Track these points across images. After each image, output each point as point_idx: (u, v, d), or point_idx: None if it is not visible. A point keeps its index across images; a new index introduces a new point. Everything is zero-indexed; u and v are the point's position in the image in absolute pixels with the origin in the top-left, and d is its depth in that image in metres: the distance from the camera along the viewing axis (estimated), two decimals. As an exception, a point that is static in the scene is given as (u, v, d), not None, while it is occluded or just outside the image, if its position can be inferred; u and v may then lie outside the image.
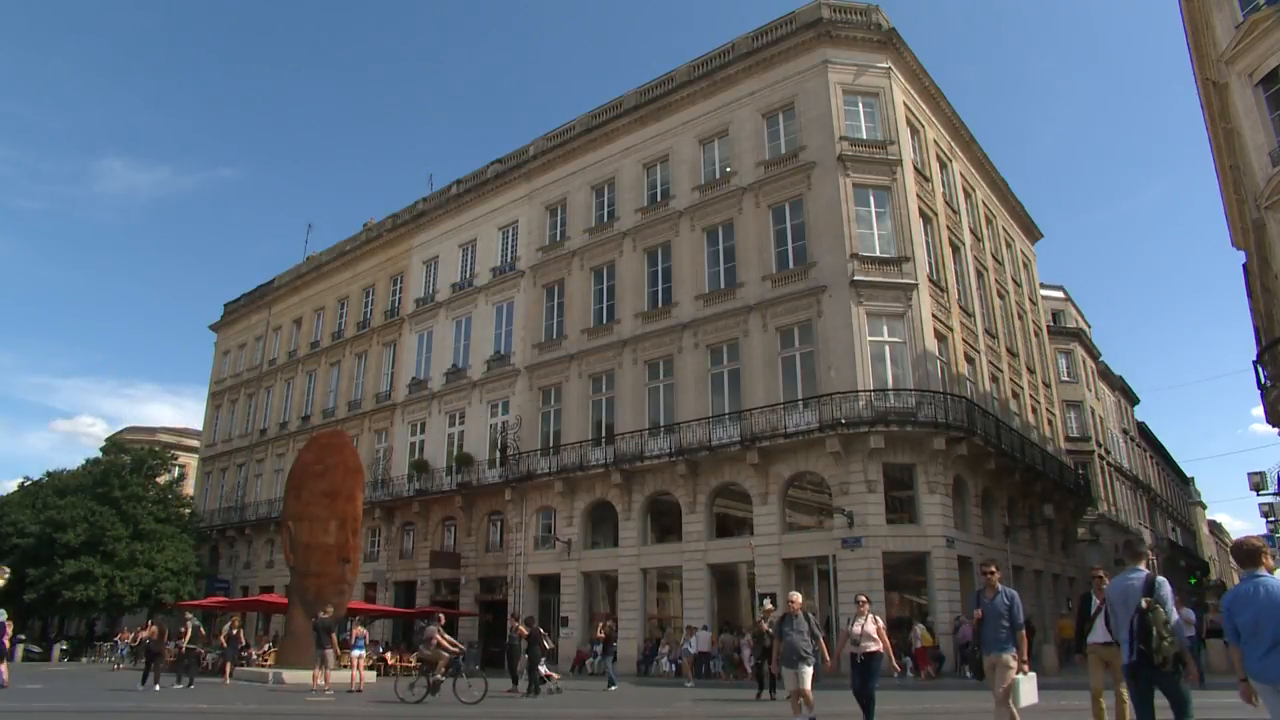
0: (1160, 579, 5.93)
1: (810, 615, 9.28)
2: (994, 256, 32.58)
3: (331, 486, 21.66)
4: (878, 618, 9.29)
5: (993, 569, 8.04)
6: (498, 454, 30.34)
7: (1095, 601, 7.80)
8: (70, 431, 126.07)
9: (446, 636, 15.75)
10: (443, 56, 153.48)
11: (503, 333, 32.49)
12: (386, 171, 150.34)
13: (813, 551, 22.47)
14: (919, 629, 20.73)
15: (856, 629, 9.09)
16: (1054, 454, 33.44)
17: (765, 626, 16.72)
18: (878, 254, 24.01)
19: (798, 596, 9.58)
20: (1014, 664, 7.36)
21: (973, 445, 22.82)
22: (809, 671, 8.91)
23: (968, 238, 29.48)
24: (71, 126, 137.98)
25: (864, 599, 9.55)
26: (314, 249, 55.62)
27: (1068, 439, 40.56)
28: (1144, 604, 5.71)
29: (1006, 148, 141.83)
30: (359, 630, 20.22)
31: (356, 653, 18.48)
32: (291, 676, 19.10)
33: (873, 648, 9.00)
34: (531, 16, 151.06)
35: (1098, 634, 7.53)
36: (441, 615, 18.99)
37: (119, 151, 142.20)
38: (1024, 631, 7.66)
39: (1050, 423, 35.62)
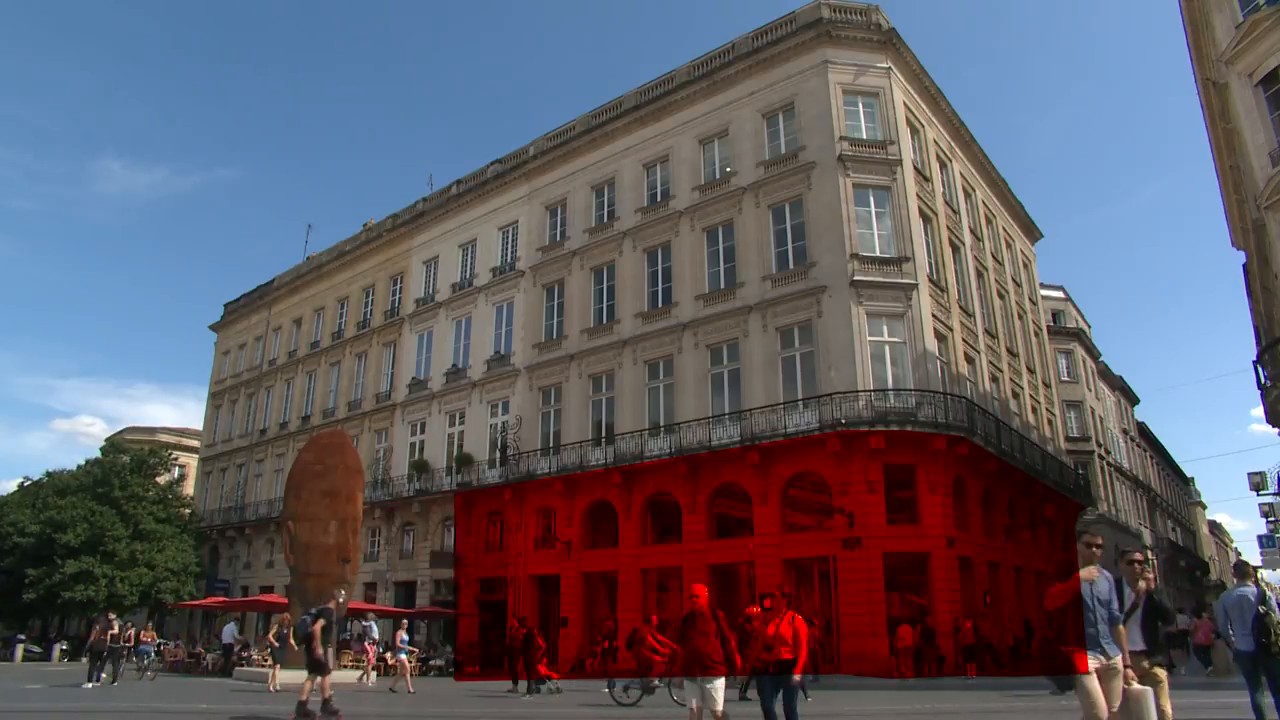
0: (1269, 593, 7.84)
1: (719, 613, 7.34)
2: (994, 256, 32.58)
3: (331, 486, 21.64)
4: (798, 616, 7.78)
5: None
6: (498, 454, 30.34)
7: (1129, 595, 6.42)
8: (70, 431, 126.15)
9: (659, 637, 15.71)
10: (443, 57, 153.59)
11: (503, 333, 32.50)
12: (386, 171, 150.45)
13: (813, 551, 22.46)
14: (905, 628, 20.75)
15: (770, 629, 7.65)
16: (1054, 454, 33.44)
17: (750, 626, 16.76)
18: (878, 254, 24.01)
19: (703, 589, 7.41)
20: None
21: (973, 445, 22.81)
22: (719, 685, 6.98)
23: (968, 238, 29.48)
24: (69, 127, 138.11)
25: (780, 592, 8.13)
26: (314, 249, 55.67)
27: (1068, 439, 40.56)
28: (1260, 610, 7.68)
29: (1006, 148, 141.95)
30: (399, 634, 20.66)
31: (403, 655, 19.41)
32: (292, 677, 19.07)
33: (785, 654, 7.47)
34: (532, 16, 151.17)
35: (1134, 640, 6.45)
36: (654, 618, 18.52)
37: (117, 152, 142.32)
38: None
39: (1050, 423, 35.62)
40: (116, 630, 19.97)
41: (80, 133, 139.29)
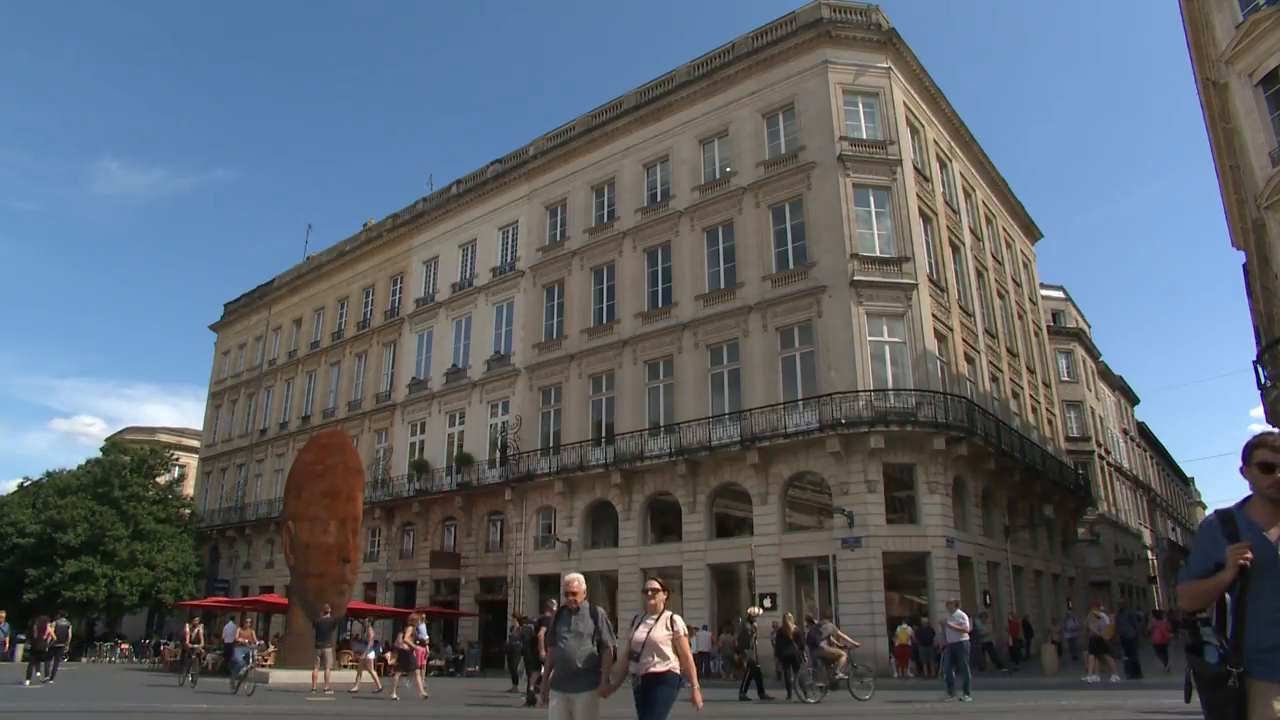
0: None
1: (600, 611, 5.90)
2: (994, 256, 32.58)
3: (331, 486, 21.65)
4: (678, 619, 5.90)
5: None
6: (498, 454, 30.34)
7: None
8: (69, 431, 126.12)
9: (842, 634, 15.84)
10: (442, 57, 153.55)
11: (503, 333, 32.50)
12: (386, 171, 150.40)
13: (813, 551, 22.47)
14: (900, 628, 20.81)
15: (640, 634, 5.77)
16: (1054, 454, 33.43)
17: (750, 627, 16.76)
18: (878, 254, 24.01)
19: (578, 581, 5.98)
20: None
21: (973, 445, 22.82)
22: (589, 699, 5.60)
23: (968, 238, 29.48)
24: (68, 128, 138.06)
25: (655, 586, 6.05)
26: (314, 249, 55.69)
27: (1068, 439, 40.57)
28: None
29: (1006, 148, 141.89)
30: (371, 633, 20.42)
31: (370, 654, 18.94)
32: (291, 677, 19.09)
33: (659, 665, 5.66)
34: (532, 16, 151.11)
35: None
36: (828, 612, 18.63)
37: (116, 153, 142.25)
38: None
39: (1050, 423, 35.62)
40: (51, 632, 19.96)
41: (79, 133, 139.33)
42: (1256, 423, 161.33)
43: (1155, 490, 62.81)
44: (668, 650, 5.69)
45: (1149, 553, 53.91)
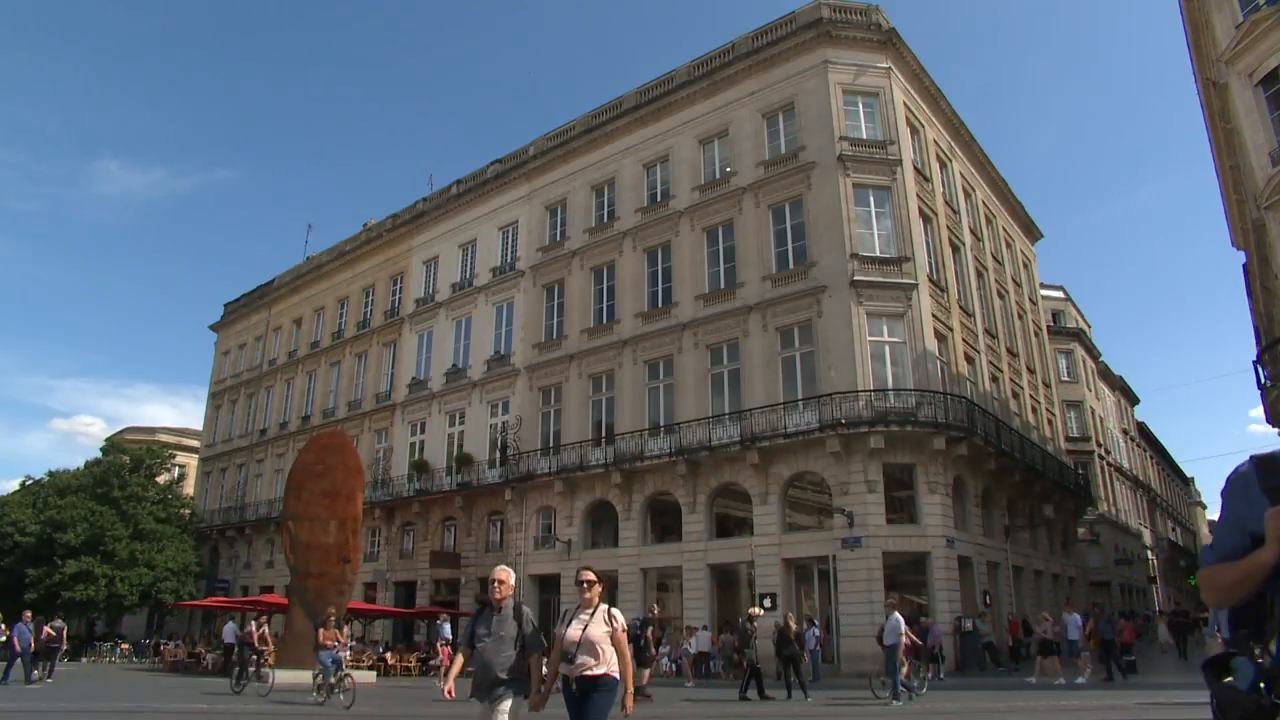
0: None
1: (525, 610, 5.26)
2: (994, 256, 32.58)
3: (331, 486, 21.65)
4: (616, 613, 5.15)
5: None
6: (498, 454, 30.35)
7: None
8: (69, 431, 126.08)
9: (907, 633, 15.90)
10: (442, 56, 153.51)
11: (503, 333, 32.50)
12: (386, 171, 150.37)
13: (813, 551, 22.47)
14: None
15: (573, 632, 5.00)
16: (1054, 454, 33.43)
17: (750, 627, 16.77)
18: (878, 254, 24.01)
19: (504, 571, 5.19)
20: None
21: (973, 445, 22.82)
22: (510, 709, 5.01)
23: (968, 238, 29.48)
24: (67, 128, 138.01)
25: (590, 576, 5.23)
26: (314, 249, 55.64)
27: (1068, 439, 40.57)
28: None
29: (1006, 148, 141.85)
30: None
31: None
32: (292, 677, 19.06)
33: (595, 668, 4.91)
34: (532, 16, 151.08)
35: None
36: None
37: (115, 153, 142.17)
38: None
39: (1050, 423, 35.62)
40: (50, 632, 19.99)
41: (78, 134, 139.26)
42: (1256, 423, 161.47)
43: (1155, 490, 62.82)
44: (605, 649, 4.96)
45: (1149, 553, 53.91)
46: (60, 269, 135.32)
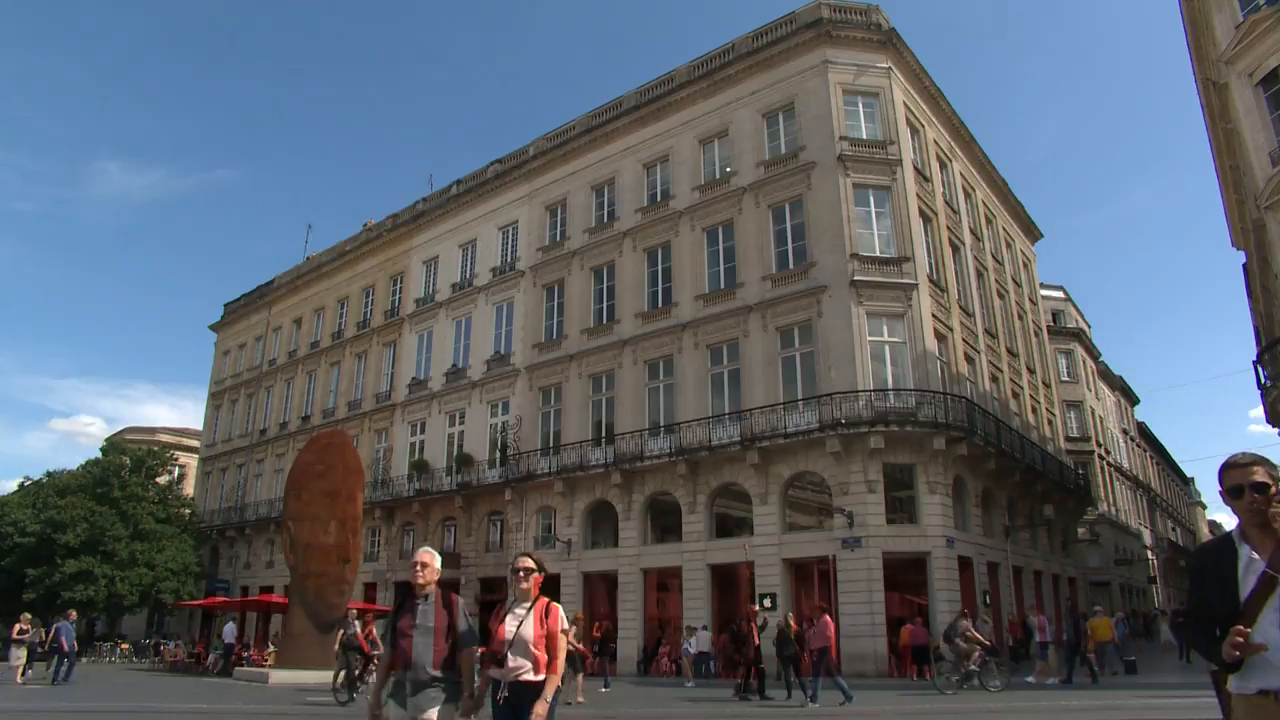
0: None
1: (456, 599, 4.68)
2: (994, 256, 32.58)
3: (331, 486, 21.64)
4: (557, 608, 4.42)
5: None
6: (498, 454, 30.35)
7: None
8: (69, 431, 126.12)
9: (974, 633, 16.36)
10: (442, 56, 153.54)
11: (503, 333, 32.49)
12: (386, 171, 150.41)
13: (813, 551, 22.46)
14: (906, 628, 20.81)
15: (506, 629, 4.31)
16: (1054, 454, 33.43)
17: (747, 627, 16.75)
18: (878, 254, 24.00)
19: (428, 554, 4.67)
20: None
21: (973, 445, 22.81)
22: (440, 715, 4.36)
23: (968, 238, 29.48)
24: (66, 128, 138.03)
25: (529, 564, 4.43)
26: (314, 249, 55.65)
27: (1068, 439, 40.56)
28: None
29: (1006, 147, 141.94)
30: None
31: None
32: (292, 677, 19.08)
33: (531, 672, 4.21)
34: (532, 16, 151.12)
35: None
36: (966, 611, 18.51)
37: (114, 153, 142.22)
38: None
39: (1050, 423, 35.62)
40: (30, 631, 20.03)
41: (77, 134, 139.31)
42: (1257, 423, 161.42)
43: (1155, 490, 62.80)
44: (542, 652, 4.24)
45: (1149, 553, 53.89)
46: (60, 269, 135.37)
